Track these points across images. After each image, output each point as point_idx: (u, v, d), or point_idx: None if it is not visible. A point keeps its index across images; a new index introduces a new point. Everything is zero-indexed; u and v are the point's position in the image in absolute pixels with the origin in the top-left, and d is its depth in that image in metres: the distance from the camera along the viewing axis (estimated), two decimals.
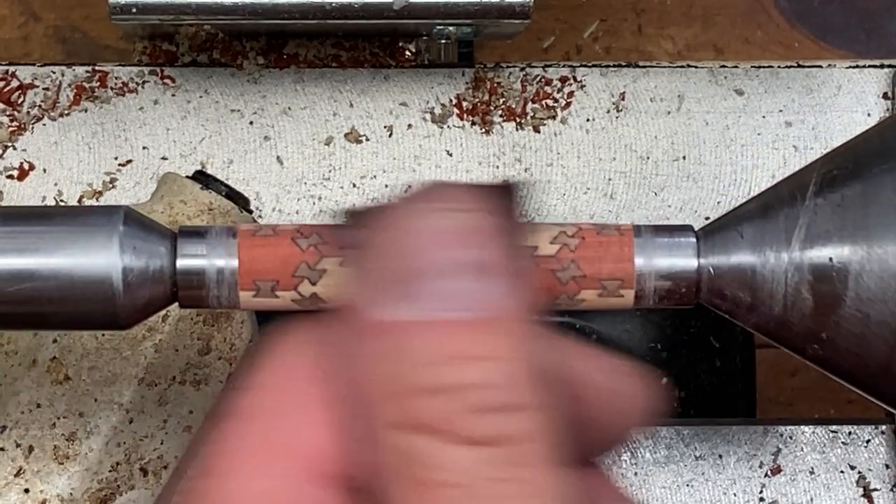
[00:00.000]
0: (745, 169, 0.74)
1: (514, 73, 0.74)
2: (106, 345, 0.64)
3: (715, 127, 0.74)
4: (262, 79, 0.73)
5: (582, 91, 0.74)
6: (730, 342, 0.77)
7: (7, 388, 0.64)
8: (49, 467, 0.63)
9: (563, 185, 0.73)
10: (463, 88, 0.74)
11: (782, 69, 0.75)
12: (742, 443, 0.70)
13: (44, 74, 0.73)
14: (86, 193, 0.71)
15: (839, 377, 0.49)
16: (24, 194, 0.71)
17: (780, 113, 0.74)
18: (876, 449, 0.71)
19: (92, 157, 0.72)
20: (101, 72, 0.73)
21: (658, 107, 0.74)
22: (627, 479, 0.70)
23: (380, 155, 0.73)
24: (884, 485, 0.71)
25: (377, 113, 0.73)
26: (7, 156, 0.72)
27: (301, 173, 0.72)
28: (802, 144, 0.74)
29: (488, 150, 0.73)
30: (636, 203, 0.73)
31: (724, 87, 0.74)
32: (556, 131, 0.74)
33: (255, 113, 0.73)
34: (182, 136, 0.72)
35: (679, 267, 0.48)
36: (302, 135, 0.73)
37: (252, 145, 0.73)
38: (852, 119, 0.74)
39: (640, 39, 0.95)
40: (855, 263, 0.46)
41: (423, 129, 0.73)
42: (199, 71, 0.73)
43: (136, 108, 0.73)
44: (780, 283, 0.47)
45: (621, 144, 0.74)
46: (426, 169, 0.73)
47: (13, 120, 0.72)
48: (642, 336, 0.76)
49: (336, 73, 0.74)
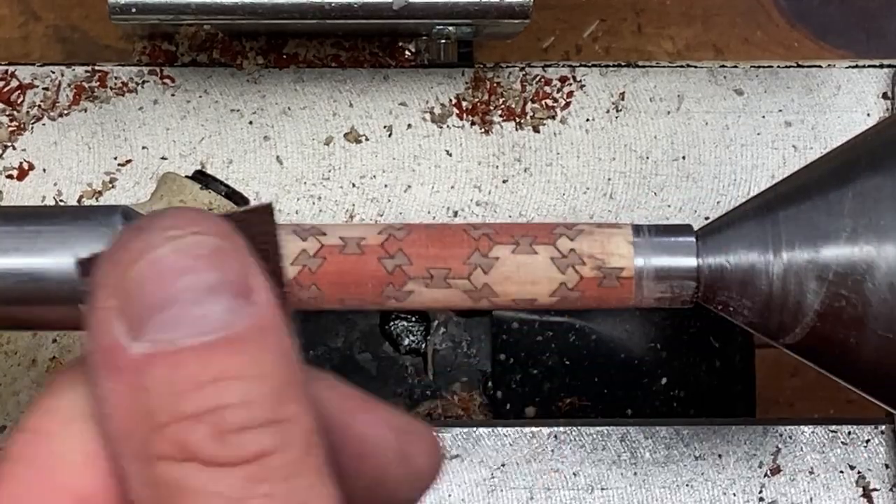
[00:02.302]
0: (745, 169, 0.74)
1: (514, 73, 0.74)
2: None
3: (714, 127, 0.74)
4: (261, 79, 0.73)
5: (581, 91, 0.74)
6: (729, 342, 0.77)
7: (7, 388, 0.63)
8: None
9: (562, 185, 0.73)
10: (462, 88, 0.74)
11: (782, 69, 0.75)
12: (741, 443, 0.70)
13: (43, 74, 0.73)
14: (85, 193, 0.71)
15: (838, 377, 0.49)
16: (23, 194, 0.71)
17: (779, 113, 0.74)
18: (875, 449, 0.71)
19: (91, 157, 0.72)
20: (101, 72, 0.73)
21: (658, 107, 0.74)
22: (627, 478, 0.70)
23: (379, 155, 0.73)
24: (883, 485, 0.71)
25: (377, 113, 0.73)
26: (7, 156, 0.72)
27: (301, 173, 0.72)
28: (802, 144, 0.74)
29: (488, 149, 0.73)
30: (636, 203, 0.73)
31: (723, 86, 0.74)
32: (555, 131, 0.74)
33: (254, 113, 0.73)
34: (182, 136, 0.72)
35: (678, 266, 0.48)
36: (301, 135, 0.73)
37: (252, 145, 0.73)
38: (852, 119, 0.74)
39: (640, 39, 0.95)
40: (854, 263, 0.46)
41: (422, 128, 0.73)
42: (199, 71, 0.73)
43: (136, 107, 0.73)
44: (779, 283, 0.47)
45: (621, 144, 0.74)
46: (426, 169, 0.73)
47: (13, 120, 0.72)
48: (642, 336, 0.76)
49: (336, 73, 0.74)
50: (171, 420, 0.29)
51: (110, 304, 0.30)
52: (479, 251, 0.46)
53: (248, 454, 0.29)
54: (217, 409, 0.29)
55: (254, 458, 0.29)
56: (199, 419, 0.29)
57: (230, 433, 0.29)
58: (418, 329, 0.76)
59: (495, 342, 0.75)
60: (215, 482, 0.29)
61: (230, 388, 0.29)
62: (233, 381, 0.30)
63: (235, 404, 0.29)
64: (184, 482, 0.29)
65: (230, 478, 0.29)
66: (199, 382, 0.29)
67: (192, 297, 0.30)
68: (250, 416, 0.29)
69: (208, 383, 0.29)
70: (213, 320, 0.30)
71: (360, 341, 0.78)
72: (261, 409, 0.30)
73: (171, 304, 0.30)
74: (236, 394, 0.29)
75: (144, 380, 0.30)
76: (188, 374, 0.29)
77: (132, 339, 0.30)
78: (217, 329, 0.30)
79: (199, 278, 0.30)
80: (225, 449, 0.29)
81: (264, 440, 0.29)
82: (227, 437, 0.29)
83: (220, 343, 0.30)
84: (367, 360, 0.78)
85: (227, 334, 0.30)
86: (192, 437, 0.29)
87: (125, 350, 0.30)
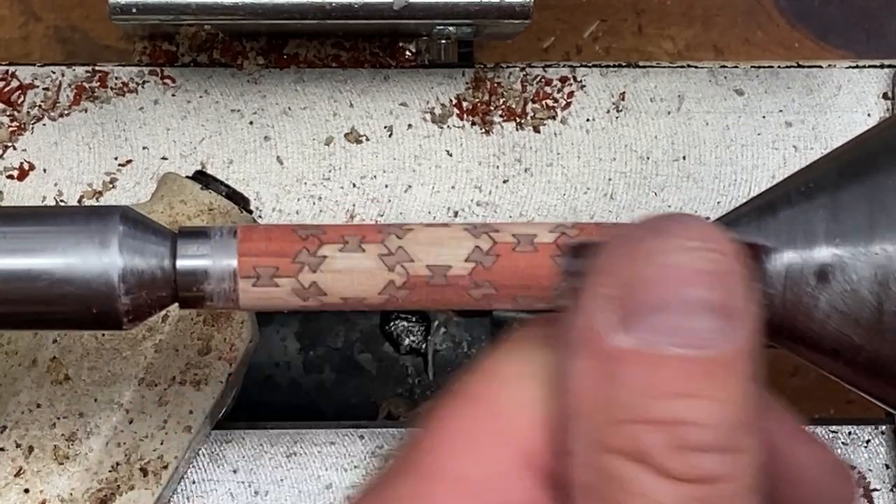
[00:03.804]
0: (745, 169, 0.74)
1: (514, 73, 0.74)
2: (106, 345, 0.64)
3: (715, 127, 0.74)
4: (262, 79, 0.73)
5: (582, 91, 0.74)
6: None
7: (7, 388, 0.63)
8: (49, 467, 0.63)
9: (563, 185, 0.73)
10: (463, 88, 0.74)
11: (782, 69, 0.75)
12: None
13: (44, 74, 0.73)
14: (86, 193, 0.71)
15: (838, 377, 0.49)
16: (24, 194, 0.71)
17: (780, 113, 0.74)
18: (876, 449, 0.71)
19: (92, 157, 0.72)
20: (101, 72, 0.73)
21: (658, 107, 0.74)
22: None
23: (380, 155, 0.73)
24: (884, 485, 0.71)
25: (377, 113, 0.73)
26: (7, 156, 0.72)
27: (301, 173, 0.72)
28: (802, 144, 0.74)
29: (488, 150, 0.73)
30: (636, 203, 0.73)
31: (724, 87, 0.74)
32: (556, 131, 0.74)
33: (255, 113, 0.73)
34: (182, 136, 0.72)
35: None
36: (302, 135, 0.73)
37: (252, 145, 0.73)
38: (852, 119, 0.74)
39: (640, 39, 0.95)
40: (856, 264, 0.46)
41: (423, 129, 0.73)
42: (199, 71, 0.73)
43: (136, 108, 0.73)
44: (779, 283, 0.47)
45: (621, 144, 0.74)
46: (426, 169, 0.73)
47: (13, 120, 0.72)
48: None
49: (336, 73, 0.74)
50: (634, 419, 0.30)
51: (608, 292, 0.31)
52: None
53: (700, 474, 0.30)
54: (681, 422, 0.30)
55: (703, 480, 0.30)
56: (660, 427, 0.30)
57: (688, 449, 0.30)
58: (418, 329, 0.76)
59: (495, 342, 0.75)
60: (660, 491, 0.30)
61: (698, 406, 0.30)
62: (702, 400, 0.30)
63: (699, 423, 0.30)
64: (629, 480, 0.30)
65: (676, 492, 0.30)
66: (673, 393, 0.30)
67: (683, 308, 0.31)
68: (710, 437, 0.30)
69: (680, 396, 0.30)
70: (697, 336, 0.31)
71: (360, 341, 0.78)
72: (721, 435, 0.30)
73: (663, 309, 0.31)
74: (702, 413, 0.30)
75: (621, 372, 0.30)
76: (665, 381, 0.30)
77: (621, 330, 0.30)
78: (702, 346, 0.31)
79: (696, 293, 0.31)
80: (680, 463, 0.30)
81: (716, 464, 0.30)
82: (685, 452, 0.30)
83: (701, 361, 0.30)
84: (368, 360, 0.78)
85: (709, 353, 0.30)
86: (650, 442, 0.30)
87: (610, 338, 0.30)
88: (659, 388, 0.30)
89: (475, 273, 0.45)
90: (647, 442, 0.30)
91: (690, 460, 0.30)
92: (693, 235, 0.32)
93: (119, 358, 0.64)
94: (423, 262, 0.45)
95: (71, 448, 0.63)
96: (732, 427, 0.31)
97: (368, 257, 0.46)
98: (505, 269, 0.47)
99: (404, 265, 0.45)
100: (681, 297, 0.31)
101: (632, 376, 0.30)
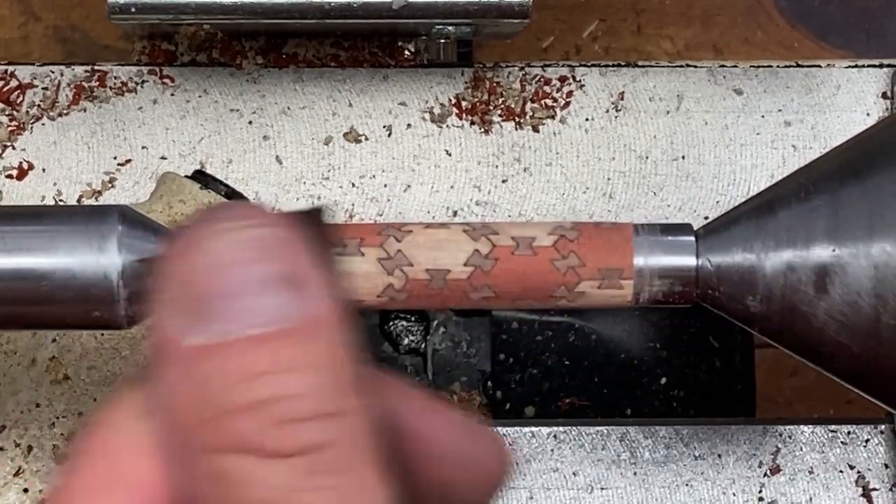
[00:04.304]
0: (744, 168, 0.74)
1: (514, 73, 0.74)
2: (105, 344, 0.64)
3: (714, 126, 0.74)
4: (261, 78, 0.73)
5: (581, 91, 0.74)
6: (729, 342, 0.77)
7: (6, 388, 0.63)
8: (48, 467, 0.63)
9: (562, 185, 0.73)
10: (462, 88, 0.74)
11: (781, 69, 0.75)
12: (741, 442, 0.70)
13: (43, 74, 0.73)
14: (85, 193, 0.71)
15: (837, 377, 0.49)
16: (23, 194, 0.71)
17: (779, 112, 0.74)
18: (875, 449, 0.71)
19: (91, 157, 0.72)
20: (101, 71, 0.73)
21: (657, 106, 0.74)
22: (627, 478, 0.70)
23: (379, 154, 0.73)
24: (883, 484, 0.71)
25: (376, 112, 0.73)
26: (6, 155, 0.72)
27: (300, 173, 0.72)
28: (801, 144, 0.74)
29: (487, 149, 0.73)
30: (635, 203, 0.73)
31: (723, 86, 0.74)
32: (555, 131, 0.74)
33: (254, 112, 0.73)
34: (181, 136, 0.72)
35: (678, 265, 0.48)
36: (301, 134, 0.73)
37: (251, 145, 0.73)
38: (851, 119, 0.74)
39: (640, 39, 0.95)
40: (855, 263, 0.46)
41: (422, 128, 0.73)
42: (199, 71, 0.73)
43: (136, 107, 0.73)
44: (778, 282, 0.47)
45: (620, 144, 0.74)
46: (425, 168, 0.73)
47: (12, 119, 0.72)
48: (642, 336, 0.76)
49: (335, 73, 0.74)
50: (224, 411, 0.29)
51: (172, 295, 0.30)
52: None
53: (301, 446, 0.29)
54: (270, 400, 0.29)
55: (306, 450, 0.29)
56: (252, 410, 0.29)
57: (283, 424, 0.29)
58: (418, 329, 0.76)
59: (495, 342, 0.75)
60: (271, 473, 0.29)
61: (283, 379, 0.29)
62: (286, 373, 0.29)
63: (288, 396, 0.29)
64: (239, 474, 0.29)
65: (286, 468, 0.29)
66: (252, 374, 0.29)
67: (246, 289, 0.30)
68: (303, 407, 0.29)
69: (261, 375, 0.29)
70: (267, 312, 0.30)
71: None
72: (314, 402, 0.29)
73: (225, 296, 0.30)
74: (289, 386, 0.29)
75: (199, 372, 0.30)
76: (241, 365, 0.29)
77: (187, 332, 0.30)
78: (271, 321, 0.29)
79: (253, 270, 0.30)
80: (281, 440, 0.29)
81: (316, 432, 0.29)
82: (280, 427, 0.29)
83: (273, 335, 0.29)
84: (367, 360, 0.78)
85: (284, 326, 0.29)
86: (247, 428, 0.29)
87: (180, 342, 0.30)
88: (241, 373, 0.29)
89: (474, 277, 0.45)
90: (244, 429, 0.29)
91: (291, 434, 0.29)
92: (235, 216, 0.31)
93: (118, 358, 0.63)
94: (423, 266, 0.45)
95: (70, 447, 0.63)
96: (327, 392, 0.30)
97: (367, 261, 0.45)
98: (504, 272, 0.47)
99: (403, 269, 0.45)
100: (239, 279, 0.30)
101: (213, 370, 0.29)
